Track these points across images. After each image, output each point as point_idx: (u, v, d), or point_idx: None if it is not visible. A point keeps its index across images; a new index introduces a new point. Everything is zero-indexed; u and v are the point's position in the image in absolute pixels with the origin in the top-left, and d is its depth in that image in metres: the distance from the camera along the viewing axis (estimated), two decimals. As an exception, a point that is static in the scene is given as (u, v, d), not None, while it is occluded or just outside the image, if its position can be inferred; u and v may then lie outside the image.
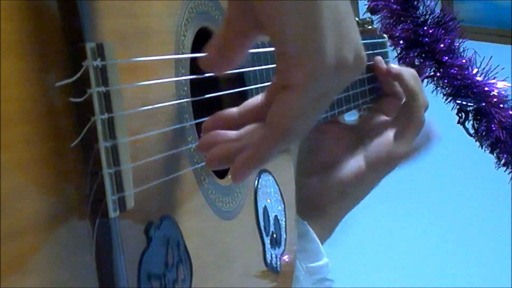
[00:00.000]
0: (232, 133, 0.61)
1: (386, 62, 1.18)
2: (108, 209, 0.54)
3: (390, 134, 1.06)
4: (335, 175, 1.05)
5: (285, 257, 0.86)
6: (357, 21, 1.23)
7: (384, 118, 1.08)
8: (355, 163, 1.06)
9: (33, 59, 0.50)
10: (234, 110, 0.62)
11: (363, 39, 1.13)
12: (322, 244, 1.03)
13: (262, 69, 0.80)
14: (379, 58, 1.09)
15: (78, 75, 0.52)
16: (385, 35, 1.24)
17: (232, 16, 0.59)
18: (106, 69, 0.54)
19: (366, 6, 1.28)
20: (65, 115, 0.52)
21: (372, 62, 1.13)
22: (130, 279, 0.58)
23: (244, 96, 0.76)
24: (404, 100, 1.07)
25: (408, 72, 1.06)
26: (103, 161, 0.54)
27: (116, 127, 0.55)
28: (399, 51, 1.25)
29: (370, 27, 1.24)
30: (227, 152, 0.60)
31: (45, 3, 0.51)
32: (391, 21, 1.27)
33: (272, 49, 0.81)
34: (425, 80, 1.26)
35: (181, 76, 0.67)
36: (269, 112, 0.57)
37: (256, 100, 0.62)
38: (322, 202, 1.05)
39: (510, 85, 1.25)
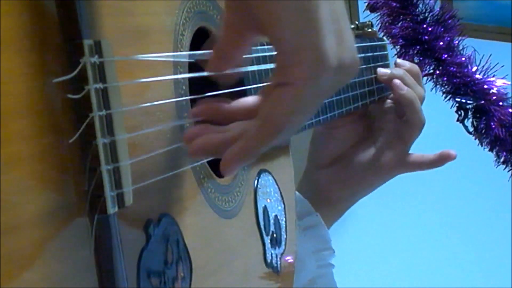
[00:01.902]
0: (222, 128, 0.62)
1: (386, 65, 1.19)
2: (106, 205, 0.54)
3: (398, 130, 1.08)
4: (345, 169, 1.08)
5: (288, 258, 0.87)
6: (357, 24, 1.24)
7: (391, 107, 1.10)
8: (364, 160, 1.08)
9: (31, 55, 0.51)
10: (226, 104, 0.63)
11: (363, 42, 1.15)
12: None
13: (260, 69, 0.80)
14: (397, 82, 1.09)
15: (75, 72, 0.53)
16: (385, 38, 1.25)
17: (230, 18, 0.60)
18: (103, 66, 0.54)
19: (366, 4, 1.28)
20: (63, 111, 0.53)
21: (372, 64, 1.14)
22: (130, 276, 0.58)
23: (243, 96, 0.77)
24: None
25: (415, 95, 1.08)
26: (102, 157, 0.54)
27: (114, 124, 0.55)
28: (398, 49, 1.25)
29: (370, 30, 1.25)
30: (212, 142, 0.61)
31: None
32: (391, 19, 1.27)
33: (272, 51, 0.82)
34: (425, 78, 1.26)
35: (180, 75, 0.68)
36: (262, 106, 0.57)
37: (250, 99, 0.62)
38: (330, 194, 1.09)
39: (509, 83, 1.25)
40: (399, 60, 1.14)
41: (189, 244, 0.66)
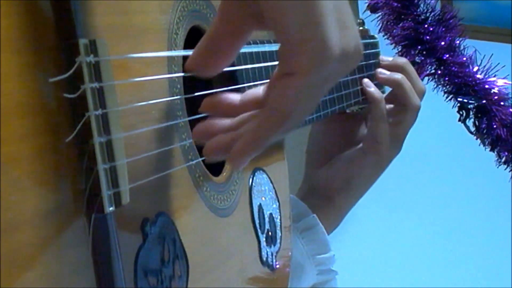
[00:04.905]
0: (227, 122, 0.62)
1: (377, 64, 1.19)
2: (103, 204, 0.54)
3: (389, 119, 1.08)
4: (339, 165, 1.07)
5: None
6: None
7: (385, 105, 1.10)
8: (356, 150, 1.08)
9: (27, 55, 0.51)
10: (235, 96, 0.63)
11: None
12: (329, 234, 1.06)
13: (254, 67, 0.80)
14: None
15: (71, 71, 0.53)
16: (376, 36, 1.25)
17: (228, 7, 0.59)
18: (99, 65, 0.54)
19: (367, 4, 1.28)
20: (60, 110, 0.53)
21: (364, 63, 1.14)
22: (127, 274, 0.58)
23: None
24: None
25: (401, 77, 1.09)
26: (98, 156, 0.54)
27: (110, 123, 0.55)
28: (399, 49, 1.25)
29: (361, 28, 1.25)
30: (224, 143, 0.60)
31: None
32: (392, 19, 1.27)
33: (265, 48, 0.82)
34: (426, 78, 1.26)
35: (174, 73, 0.68)
36: (270, 97, 0.57)
37: (257, 90, 0.62)
38: (329, 193, 1.08)
39: (510, 83, 1.25)
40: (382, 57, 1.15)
41: (186, 243, 0.66)
